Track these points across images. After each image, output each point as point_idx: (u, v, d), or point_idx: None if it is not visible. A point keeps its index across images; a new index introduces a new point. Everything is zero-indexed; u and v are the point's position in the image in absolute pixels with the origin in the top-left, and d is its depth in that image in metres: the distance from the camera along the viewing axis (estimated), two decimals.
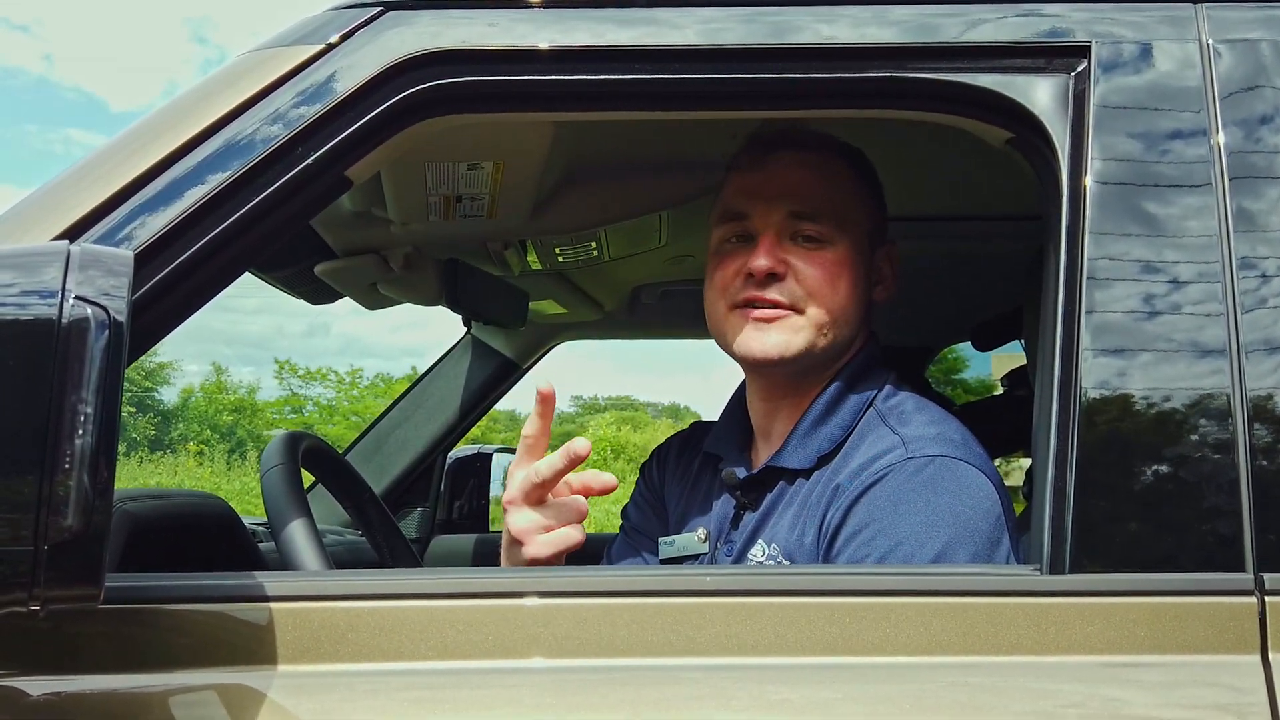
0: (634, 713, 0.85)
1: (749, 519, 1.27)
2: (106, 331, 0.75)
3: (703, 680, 0.87)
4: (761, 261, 1.20)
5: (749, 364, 1.26)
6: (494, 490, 2.76)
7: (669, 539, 1.36)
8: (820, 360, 1.24)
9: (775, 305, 1.21)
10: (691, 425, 1.53)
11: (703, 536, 1.32)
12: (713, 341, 1.31)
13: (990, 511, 1.09)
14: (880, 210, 1.33)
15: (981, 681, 0.87)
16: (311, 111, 0.98)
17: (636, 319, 2.56)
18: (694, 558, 1.32)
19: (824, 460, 1.21)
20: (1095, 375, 0.93)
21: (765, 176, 1.25)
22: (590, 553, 2.94)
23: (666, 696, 0.86)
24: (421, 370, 2.65)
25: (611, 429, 29.72)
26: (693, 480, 1.41)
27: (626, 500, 1.53)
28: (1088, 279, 0.94)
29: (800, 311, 1.21)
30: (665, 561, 1.35)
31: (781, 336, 1.20)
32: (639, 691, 0.86)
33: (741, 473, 1.29)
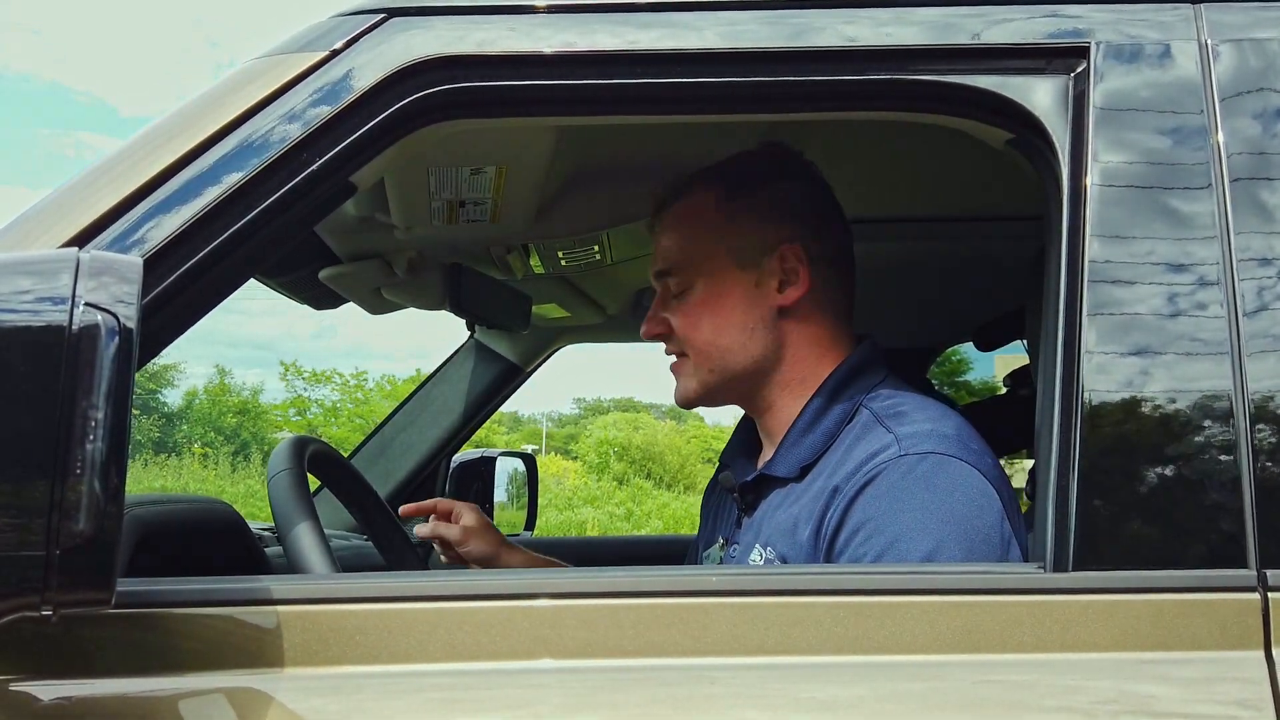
0: (644, 713, 0.86)
1: (747, 524, 1.29)
2: (116, 338, 0.76)
3: (712, 680, 0.87)
4: (643, 330, 1.38)
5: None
6: (498, 494, 2.77)
7: (706, 552, 1.42)
8: (737, 382, 1.30)
9: (675, 355, 1.36)
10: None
11: (721, 544, 1.36)
12: None
13: (986, 508, 1.08)
14: (761, 220, 1.30)
15: (986, 679, 0.87)
16: (315, 118, 0.98)
17: (639, 322, 2.56)
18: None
19: (808, 468, 1.22)
20: (1097, 374, 0.93)
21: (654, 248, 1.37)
22: (601, 557, 2.94)
23: (676, 697, 0.86)
24: (427, 373, 2.66)
25: (614, 430, 29.70)
26: (721, 492, 1.46)
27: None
28: (1089, 279, 0.95)
29: (686, 357, 1.33)
30: None
31: (682, 383, 1.35)
32: (648, 692, 0.87)
33: (737, 478, 1.33)
